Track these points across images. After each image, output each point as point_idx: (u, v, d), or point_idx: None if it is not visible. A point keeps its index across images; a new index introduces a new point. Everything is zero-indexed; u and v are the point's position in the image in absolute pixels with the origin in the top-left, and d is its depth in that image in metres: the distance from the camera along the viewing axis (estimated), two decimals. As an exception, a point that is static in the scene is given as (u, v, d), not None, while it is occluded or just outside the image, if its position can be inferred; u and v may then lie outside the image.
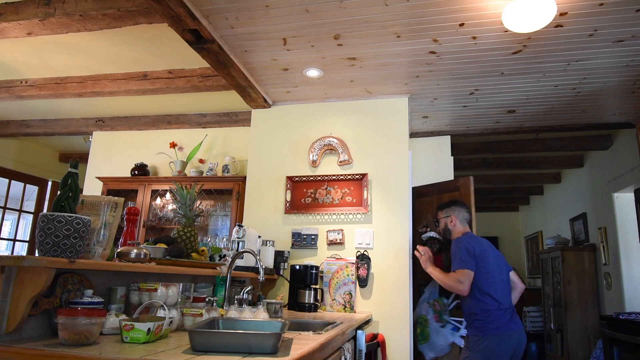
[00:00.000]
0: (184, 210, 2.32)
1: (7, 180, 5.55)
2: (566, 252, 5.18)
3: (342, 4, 2.43)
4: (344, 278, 3.14)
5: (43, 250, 1.35)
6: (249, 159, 3.76)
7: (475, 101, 3.64)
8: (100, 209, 1.65)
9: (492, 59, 2.96)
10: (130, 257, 1.71)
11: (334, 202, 3.46)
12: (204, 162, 4.57)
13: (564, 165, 5.49)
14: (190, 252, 2.25)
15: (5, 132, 5.07)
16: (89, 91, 3.80)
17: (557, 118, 3.96)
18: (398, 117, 3.55)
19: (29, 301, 1.26)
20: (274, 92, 3.61)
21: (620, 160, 4.48)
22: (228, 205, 4.32)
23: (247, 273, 2.75)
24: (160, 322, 1.38)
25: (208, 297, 1.98)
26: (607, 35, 2.65)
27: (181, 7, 2.36)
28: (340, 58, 3.04)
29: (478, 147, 4.91)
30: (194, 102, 4.31)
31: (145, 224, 4.35)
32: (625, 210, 4.53)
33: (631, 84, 3.28)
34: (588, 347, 4.80)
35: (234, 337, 1.31)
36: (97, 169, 4.86)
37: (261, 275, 2.12)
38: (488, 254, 2.66)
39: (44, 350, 1.17)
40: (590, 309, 4.93)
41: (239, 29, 2.70)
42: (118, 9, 2.52)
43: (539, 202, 7.21)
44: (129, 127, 4.83)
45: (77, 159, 1.54)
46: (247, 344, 1.26)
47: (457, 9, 2.43)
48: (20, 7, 2.72)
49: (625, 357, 3.74)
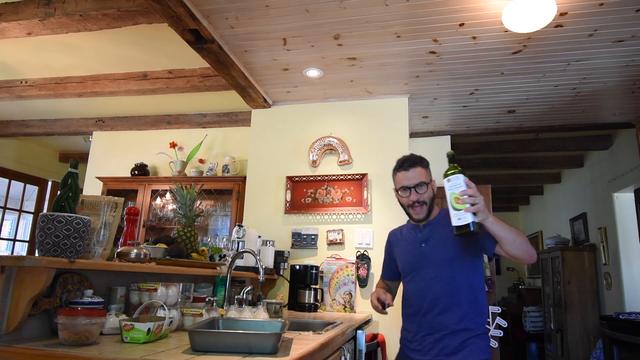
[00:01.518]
0: (184, 210, 2.33)
1: (7, 180, 5.55)
2: (566, 252, 5.18)
3: (342, 4, 2.43)
4: (344, 278, 3.14)
5: (43, 250, 1.35)
6: (249, 159, 3.76)
7: (475, 101, 3.64)
8: (100, 209, 1.65)
9: (492, 59, 2.96)
10: (130, 257, 1.71)
11: (334, 202, 3.46)
12: (204, 162, 4.57)
13: (564, 165, 5.49)
14: (190, 252, 2.25)
15: (5, 132, 5.07)
16: (89, 91, 3.80)
17: (557, 118, 3.96)
18: (398, 117, 3.55)
19: (29, 301, 1.26)
20: (274, 92, 3.61)
21: (620, 160, 4.48)
22: (228, 205, 4.32)
23: (247, 273, 2.75)
24: (160, 322, 1.38)
25: (208, 297, 1.98)
26: (607, 35, 2.65)
27: (181, 7, 2.36)
28: (340, 58, 3.04)
29: (478, 147, 4.91)
30: (194, 102, 4.31)
31: (145, 224, 4.35)
32: (625, 210, 4.53)
33: (631, 84, 3.28)
34: (588, 347, 4.80)
35: (234, 337, 1.31)
36: (97, 169, 4.86)
37: (261, 275, 2.12)
38: None
39: (44, 350, 1.17)
40: (590, 309, 4.94)
41: (239, 29, 2.70)
42: (118, 9, 2.52)
43: (539, 202, 7.21)
44: (129, 127, 4.83)
45: (77, 159, 1.54)
46: (247, 344, 1.26)
47: (457, 9, 2.43)
48: (20, 7, 2.72)
49: (625, 357, 3.74)
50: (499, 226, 1.68)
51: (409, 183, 1.88)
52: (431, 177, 1.95)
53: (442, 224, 1.91)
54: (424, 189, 1.89)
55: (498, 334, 3.27)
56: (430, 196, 1.92)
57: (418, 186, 1.88)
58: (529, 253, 1.72)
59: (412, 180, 1.89)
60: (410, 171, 1.90)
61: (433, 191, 1.95)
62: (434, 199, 1.95)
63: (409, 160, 1.93)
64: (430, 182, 1.94)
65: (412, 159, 1.93)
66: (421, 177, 1.90)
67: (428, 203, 1.91)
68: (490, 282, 3.68)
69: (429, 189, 1.92)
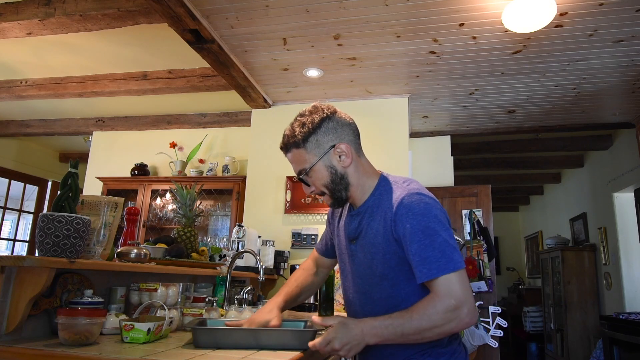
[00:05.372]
0: (184, 210, 2.32)
1: (7, 180, 5.55)
2: (566, 252, 5.18)
3: (342, 4, 2.43)
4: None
5: (43, 250, 1.35)
6: (249, 159, 3.76)
7: (475, 101, 3.64)
8: (100, 209, 1.65)
9: (492, 59, 2.96)
10: (130, 257, 1.71)
11: (334, 202, 3.45)
12: (204, 162, 4.57)
13: (564, 165, 5.49)
14: (190, 252, 2.25)
15: (5, 132, 5.07)
16: (89, 91, 3.80)
17: (557, 118, 3.96)
18: (398, 117, 3.55)
19: (29, 301, 1.26)
20: (274, 92, 3.61)
21: (620, 160, 4.48)
22: (228, 205, 4.32)
23: (247, 273, 2.75)
24: (160, 322, 1.38)
25: (208, 297, 1.98)
26: (607, 35, 2.65)
27: (181, 7, 2.36)
28: (340, 58, 3.04)
29: (478, 147, 4.91)
30: (194, 102, 4.30)
31: (145, 224, 4.35)
32: (625, 210, 4.53)
33: (631, 84, 3.28)
34: (588, 347, 4.80)
35: (241, 334, 1.32)
36: (97, 169, 4.86)
37: (261, 275, 2.12)
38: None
39: (44, 350, 1.17)
40: (590, 309, 4.93)
41: (239, 29, 2.70)
42: (118, 9, 2.52)
43: (539, 202, 7.21)
44: (129, 127, 4.83)
45: (77, 159, 1.54)
46: (256, 342, 1.28)
47: (457, 9, 2.43)
48: (20, 7, 2.72)
49: (625, 357, 3.74)
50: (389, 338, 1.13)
51: (294, 173, 1.34)
52: (322, 148, 1.28)
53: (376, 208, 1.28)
54: (309, 178, 1.31)
55: (498, 334, 3.27)
56: (325, 181, 1.29)
57: (300, 175, 1.32)
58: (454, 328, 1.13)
59: (294, 169, 1.34)
60: (288, 156, 1.34)
61: (331, 169, 1.29)
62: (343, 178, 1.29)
63: (282, 140, 1.34)
64: (319, 160, 1.28)
65: (283, 140, 1.34)
66: (299, 163, 1.31)
67: (328, 190, 1.30)
68: (490, 282, 3.68)
69: (318, 174, 1.29)
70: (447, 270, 1.13)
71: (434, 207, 1.21)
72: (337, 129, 1.33)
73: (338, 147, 1.29)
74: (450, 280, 1.12)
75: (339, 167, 1.29)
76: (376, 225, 1.26)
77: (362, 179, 1.32)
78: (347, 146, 1.30)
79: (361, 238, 1.31)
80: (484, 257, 3.60)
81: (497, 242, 8.00)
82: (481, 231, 3.66)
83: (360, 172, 1.32)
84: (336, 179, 1.29)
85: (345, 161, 1.29)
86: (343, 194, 1.31)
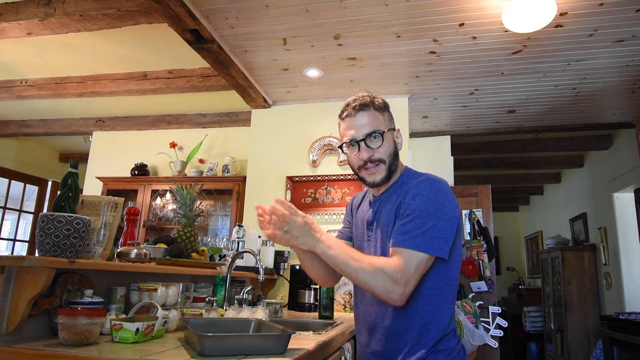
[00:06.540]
0: (184, 210, 2.32)
1: (7, 180, 5.55)
2: (566, 252, 5.18)
3: (342, 4, 2.43)
4: (344, 278, 3.14)
5: (43, 250, 1.35)
6: (249, 159, 3.76)
7: (475, 101, 3.64)
8: (100, 209, 1.65)
9: (492, 59, 2.96)
10: (130, 257, 1.71)
11: (334, 202, 3.46)
12: (204, 162, 4.57)
13: (564, 165, 5.49)
14: (190, 252, 2.25)
15: (5, 132, 5.07)
16: (89, 91, 3.80)
17: (557, 118, 3.96)
18: (398, 117, 3.52)
19: (29, 301, 1.26)
20: (274, 92, 3.61)
21: (620, 160, 4.48)
22: (228, 205, 4.32)
23: (247, 273, 2.75)
24: (151, 323, 1.37)
25: (208, 297, 1.98)
26: (607, 35, 2.65)
27: (181, 7, 2.36)
28: (340, 58, 3.04)
29: (478, 147, 4.91)
30: (194, 102, 4.31)
31: (145, 224, 4.35)
32: (625, 210, 4.53)
33: (631, 84, 3.28)
34: (588, 347, 4.80)
35: (235, 340, 1.32)
36: (97, 169, 4.86)
37: (261, 275, 2.12)
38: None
39: (44, 350, 1.17)
40: (590, 309, 4.93)
41: (239, 29, 2.70)
42: (118, 9, 2.52)
43: (539, 202, 7.21)
44: (129, 127, 4.83)
45: (77, 159, 1.54)
46: (251, 346, 1.27)
47: (457, 9, 2.43)
48: (20, 7, 2.72)
49: (625, 357, 3.74)
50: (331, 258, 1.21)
51: (357, 134, 1.31)
52: (393, 124, 1.37)
53: (394, 194, 1.34)
54: (378, 142, 1.30)
55: (498, 334, 3.28)
56: (390, 151, 1.32)
57: (369, 137, 1.30)
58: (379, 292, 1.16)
59: (361, 130, 1.30)
60: (358, 117, 1.32)
61: (395, 145, 1.35)
62: (397, 157, 1.36)
63: (357, 101, 1.34)
64: (389, 130, 1.34)
65: (361, 99, 1.33)
66: (374, 124, 1.31)
67: (387, 161, 1.32)
68: (490, 282, 3.68)
69: (387, 142, 1.32)
70: (419, 248, 1.17)
71: (445, 196, 1.25)
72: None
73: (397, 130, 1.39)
74: (413, 258, 1.16)
75: (398, 146, 1.38)
76: (390, 206, 1.32)
77: (399, 166, 1.40)
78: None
79: (377, 221, 1.36)
80: (484, 257, 3.60)
81: (497, 242, 8.00)
82: (481, 231, 3.67)
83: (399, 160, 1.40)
84: (396, 154, 1.36)
85: (400, 145, 1.38)
86: (394, 169, 1.35)
